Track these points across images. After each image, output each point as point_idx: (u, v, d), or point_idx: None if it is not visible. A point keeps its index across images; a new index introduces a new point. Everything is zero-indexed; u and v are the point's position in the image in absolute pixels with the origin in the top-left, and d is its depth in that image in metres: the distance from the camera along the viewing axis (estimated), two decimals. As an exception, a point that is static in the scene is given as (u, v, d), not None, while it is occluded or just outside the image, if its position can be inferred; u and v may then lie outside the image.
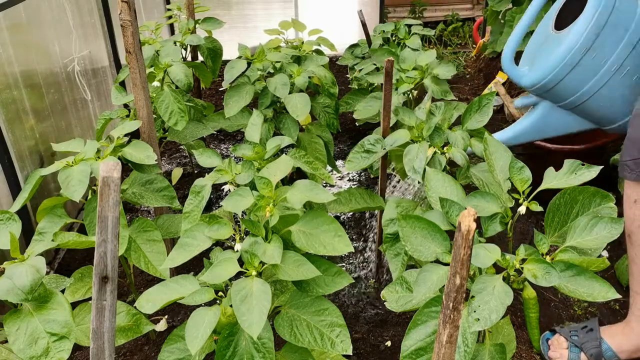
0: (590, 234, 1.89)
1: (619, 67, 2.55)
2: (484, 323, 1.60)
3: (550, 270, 1.69)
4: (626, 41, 2.51)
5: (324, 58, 3.47)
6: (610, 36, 2.51)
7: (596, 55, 2.52)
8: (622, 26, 2.51)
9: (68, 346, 1.80)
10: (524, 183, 1.99)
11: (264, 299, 1.68)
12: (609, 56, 2.53)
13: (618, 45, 2.51)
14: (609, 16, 2.48)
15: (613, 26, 2.49)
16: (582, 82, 2.60)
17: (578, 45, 2.50)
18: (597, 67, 2.55)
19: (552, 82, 2.64)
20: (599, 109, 2.70)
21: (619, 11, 2.50)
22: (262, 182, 2.00)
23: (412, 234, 1.89)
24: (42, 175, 2.38)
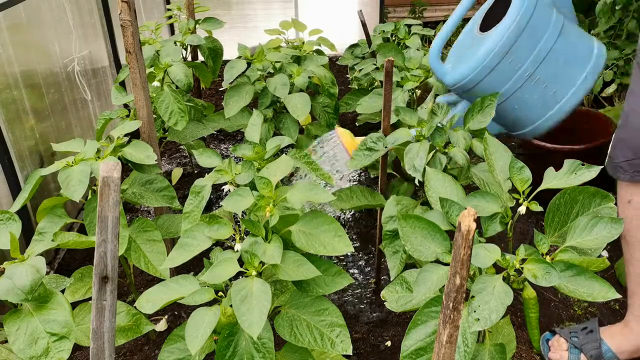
0: (590, 234, 1.89)
1: (531, 74, 2.58)
2: (484, 323, 1.60)
3: (550, 270, 1.69)
4: (539, 49, 2.54)
5: (324, 58, 3.47)
6: (526, 42, 2.53)
7: (513, 59, 2.55)
8: (538, 34, 2.55)
9: (68, 346, 1.80)
10: (524, 183, 1.99)
11: (264, 299, 1.68)
12: (524, 62, 2.55)
13: (532, 52, 2.55)
14: (528, 21, 2.51)
15: (530, 32, 2.53)
16: (498, 85, 2.61)
17: (497, 48, 2.52)
18: (512, 72, 2.57)
19: (471, 83, 2.63)
20: (511, 114, 2.71)
21: (537, 18, 2.54)
22: (262, 182, 1.99)
23: (412, 234, 1.89)
24: (42, 175, 2.38)
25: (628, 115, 2.34)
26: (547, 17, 2.58)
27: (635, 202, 2.31)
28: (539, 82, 2.60)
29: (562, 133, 3.61)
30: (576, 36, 2.70)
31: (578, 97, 2.65)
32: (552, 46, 2.56)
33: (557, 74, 2.62)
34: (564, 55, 2.60)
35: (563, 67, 2.61)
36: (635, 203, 2.31)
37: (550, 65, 2.58)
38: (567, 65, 2.62)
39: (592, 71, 2.65)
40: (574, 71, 2.64)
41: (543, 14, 2.57)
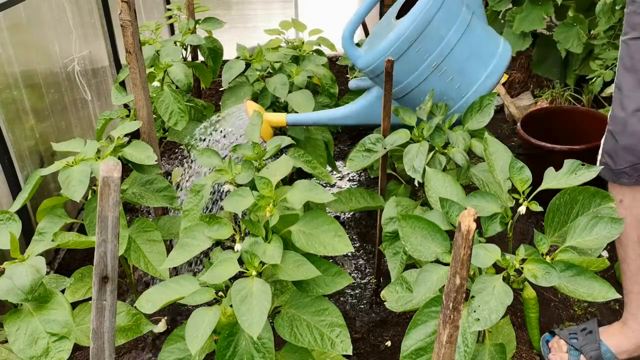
0: (590, 234, 1.88)
1: (438, 65, 2.60)
2: (484, 323, 1.60)
3: (550, 270, 1.69)
4: (447, 41, 2.57)
5: (323, 58, 3.47)
6: (434, 33, 2.55)
7: (420, 48, 2.56)
8: (446, 25, 2.57)
9: (68, 346, 1.80)
10: (524, 183, 1.99)
11: (264, 299, 1.69)
12: (431, 52, 2.58)
13: (439, 43, 2.57)
14: (437, 12, 2.53)
15: (439, 23, 2.54)
16: (405, 73, 2.63)
17: (405, 35, 2.53)
18: (420, 61, 2.59)
19: (379, 68, 2.61)
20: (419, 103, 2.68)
21: (446, 11, 2.56)
22: (262, 182, 2.00)
23: (412, 234, 1.89)
24: (42, 175, 2.38)
25: (626, 121, 2.23)
26: (455, 11, 2.61)
27: (626, 202, 2.31)
28: (444, 75, 2.63)
29: (562, 133, 3.62)
30: (483, 33, 2.74)
31: (482, 92, 2.66)
32: (459, 39, 2.59)
33: (463, 68, 2.65)
34: (469, 50, 2.64)
35: (468, 61, 2.65)
36: (626, 203, 2.31)
37: (456, 58, 2.61)
38: (471, 60, 2.65)
39: (495, 69, 2.69)
40: (478, 67, 2.68)
41: (452, 7, 2.60)
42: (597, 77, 3.71)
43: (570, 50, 4.08)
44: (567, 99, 4.40)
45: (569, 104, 4.36)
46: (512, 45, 4.46)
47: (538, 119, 3.78)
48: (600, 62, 3.75)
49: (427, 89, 2.64)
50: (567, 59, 4.40)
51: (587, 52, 4.17)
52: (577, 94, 4.42)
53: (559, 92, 4.46)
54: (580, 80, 4.43)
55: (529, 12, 4.25)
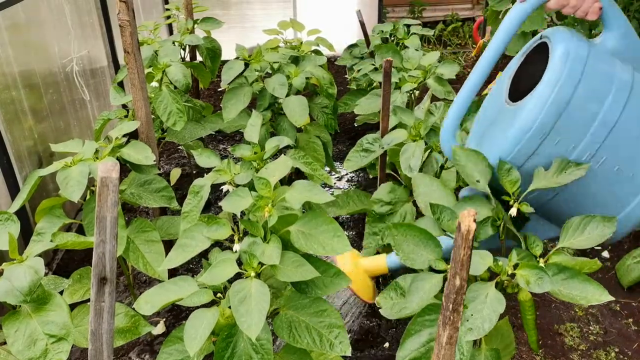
0: (583, 233, 1.87)
1: (593, 155, 1.91)
2: (477, 332, 1.60)
3: (543, 275, 1.68)
4: (601, 120, 1.87)
5: (322, 58, 3.47)
6: (579, 113, 1.87)
7: (560, 140, 1.89)
8: (595, 99, 1.87)
9: (66, 348, 1.80)
10: (513, 185, 1.95)
11: (263, 300, 1.68)
12: (578, 142, 1.89)
13: (589, 127, 1.88)
14: (577, 87, 1.85)
15: (583, 98, 1.86)
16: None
17: (534, 128, 1.88)
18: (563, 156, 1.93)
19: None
20: (569, 212, 2.00)
21: (591, 79, 1.87)
22: (261, 183, 1.99)
23: (404, 242, 1.88)
24: (41, 175, 2.38)
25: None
26: (606, 75, 1.89)
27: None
28: (606, 166, 1.92)
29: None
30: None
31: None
32: (620, 115, 1.87)
33: (631, 152, 1.92)
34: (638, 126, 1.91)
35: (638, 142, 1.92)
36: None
37: (620, 139, 1.89)
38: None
39: None
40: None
41: (599, 71, 1.89)
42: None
43: (570, 50, 4.07)
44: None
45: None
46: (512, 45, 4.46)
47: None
48: (600, 63, 3.74)
49: (582, 190, 1.96)
50: (567, 59, 4.39)
51: (587, 52, 4.17)
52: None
53: (558, 93, 4.44)
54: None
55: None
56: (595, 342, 2.68)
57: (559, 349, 2.66)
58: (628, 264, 2.89)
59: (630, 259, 2.89)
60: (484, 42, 6.02)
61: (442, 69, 3.17)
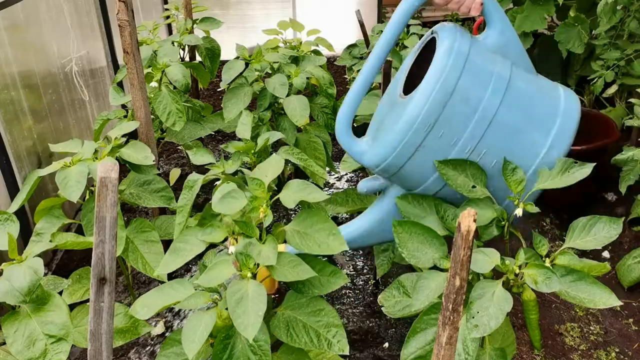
0: (589, 234, 1.87)
1: (473, 149, 1.97)
2: (483, 330, 1.59)
3: (551, 275, 1.68)
4: (480, 115, 1.93)
5: (322, 58, 3.46)
6: (460, 106, 1.92)
7: (444, 133, 1.94)
8: (475, 94, 1.94)
9: (66, 348, 1.80)
10: (518, 184, 1.96)
11: (260, 301, 1.68)
12: (460, 135, 1.95)
13: (470, 120, 1.94)
14: (459, 78, 1.91)
15: (463, 93, 1.92)
16: (429, 168, 2.02)
17: (420, 119, 1.91)
18: (447, 149, 1.97)
19: (394, 166, 2.03)
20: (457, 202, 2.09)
21: (471, 74, 1.94)
22: (254, 183, 1.98)
23: (409, 240, 1.87)
24: (40, 176, 2.37)
25: None
26: (485, 71, 1.97)
27: None
28: (486, 160, 2.00)
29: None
30: (533, 89, 2.07)
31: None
32: (497, 109, 1.95)
33: (510, 145, 1.99)
34: (516, 118, 1.99)
35: (517, 135, 1.99)
36: None
37: (498, 135, 1.97)
38: (522, 132, 2.00)
39: (560, 133, 2.01)
40: (534, 137, 2.01)
41: (479, 66, 1.97)
42: (599, 77, 3.71)
43: (571, 50, 4.08)
44: (568, 99, 4.39)
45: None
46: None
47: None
48: (601, 63, 3.74)
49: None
50: (568, 60, 4.40)
51: (589, 52, 4.17)
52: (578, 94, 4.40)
53: (559, 93, 4.44)
54: (582, 80, 4.43)
55: (530, 12, 4.24)
56: (595, 342, 2.68)
57: (559, 349, 2.65)
58: (628, 264, 2.88)
59: (631, 259, 2.89)
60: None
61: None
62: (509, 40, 2.08)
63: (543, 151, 1.99)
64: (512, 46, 2.09)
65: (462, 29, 2.04)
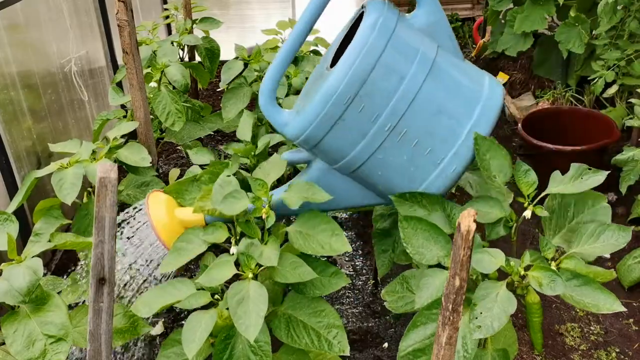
0: (597, 241, 1.87)
1: (393, 127, 1.92)
2: (486, 331, 1.58)
3: (556, 278, 1.67)
4: (402, 92, 1.90)
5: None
6: (382, 81, 1.88)
7: (364, 107, 1.89)
8: (399, 68, 1.90)
9: (65, 348, 1.79)
10: (530, 186, 1.95)
11: (261, 302, 1.68)
12: (381, 111, 1.91)
13: (391, 97, 1.89)
14: (382, 52, 1.87)
15: (387, 67, 1.89)
16: (350, 142, 1.97)
17: (339, 92, 1.87)
18: (367, 125, 1.93)
19: (314, 138, 1.97)
20: (377, 181, 2.07)
21: (395, 50, 1.90)
22: (257, 184, 1.98)
23: (414, 236, 1.87)
24: (37, 177, 2.37)
25: None
26: (410, 49, 1.94)
27: None
28: (406, 139, 1.95)
29: (563, 134, 3.61)
30: (457, 72, 2.05)
31: (465, 156, 1.99)
32: (420, 87, 1.92)
33: (432, 125, 1.96)
34: (439, 99, 1.96)
35: (438, 116, 1.96)
36: None
37: (419, 114, 1.93)
38: (443, 113, 1.96)
39: (481, 118, 1.99)
40: (455, 120, 1.98)
41: (404, 44, 1.93)
42: (599, 77, 3.70)
43: (571, 50, 4.07)
44: (569, 99, 4.39)
45: (570, 104, 4.35)
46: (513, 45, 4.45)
47: (539, 120, 3.78)
48: (602, 63, 3.73)
49: (385, 160, 1.99)
50: (568, 60, 4.39)
51: (589, 52, 4.17)
52: (578, 94, 4.41)
53: (560, 93, 4.45)
54: (582, 80, 4.42)
55: (530, 12, 4.24)
56: (596, 342, 2.67)
57: (559, 349, 2.65)
58: (629, 264, 2.88)
59: (631, 259, 2.89)
60: (484, 42, 6.00)
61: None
62: (438, 21, 2.06)
63: (463, 135, 1.97)
64: (441, 28, 2.07)
65: (390, 5, 2.01)
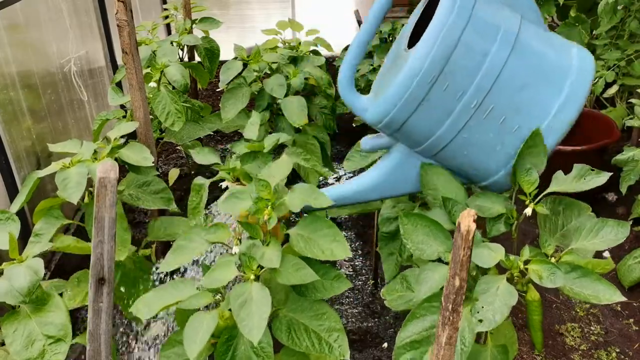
0: (597, 236, 1.87)
1: (479, 104, 1.88)
2: (488, 324, 1.59)
3: (556, 271, 1.68)
4: (487, 68, 1.86)
5: (321, 59, 3.46)
6: (465, 59, 1.85)
7: (448, 86, 1.86)
8: (482, 44, 1.86)
9: (64, 349, 1.79)
10: (531, 185, 1.95)
11: (264, 304, 1.67)
12: (466, 89, 1.87)
13: (476, 72, 1.86)
14: (465, 28, 1.84)
15: (469, 44, 1.85)
16: (435, 122, 1.94)
17: (423, 72, 1.84)
18: (452, 103, 1.89)
19: (397, 121, 1.95)
20: (462, 161, 2.04)
21: (477, 25, 1.86)
22: (260, 184, 1.97)
23: (414, 232, 1.87)
24: (40, 177, 2.37)
25: None
26: (493, 23, 1.89)
27: None
28: (492, 116, 1.91)
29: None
30: (543, 44, 1.97)
31: (558, 131, 1.93)
32: (506, 62, 1.87)
33: (519, 101, 1.91)
34: (525, 73, 1.90)
35: (525, 90, 1.90)
36: None
37: (505, 91, 1.89)
38: (531, 87, 1.90)
39: (572, 91, 1.91)
40: (544, 95, 1.92)
41: (486, 18, 1.88)
42: (599, 77, 3.70)
43: (572, 50, 4.06)
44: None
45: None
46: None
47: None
48: (602, 63, 3.73)
49: (472, 139, 1.95)
50: (568, 59, 4.38)
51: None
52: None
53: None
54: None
55: (529, 12, 4.23)
56: (596, 343, 2.67)
57: (560, 349, 2.65)
58: (629, 264, 2.88)
59: (631, 259, 2.89)
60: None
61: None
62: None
63: (554, 110, 1.91)
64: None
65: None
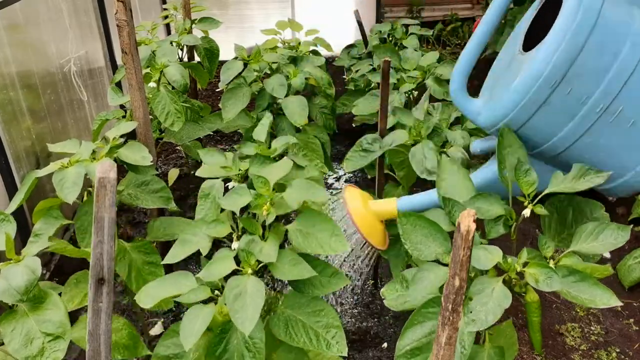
0: (597, 239, 1.87)
1: (606, 107, 1.83)
2: (480, 324, 1.59)
3: (552, 275, 1.67)
4: (616, 71, 1.80)
5: (321, 59, 3.46)
6: (591, 63, 1.80)
7: (572, 89, 1.82)
8: (610, 49, 1.80)
9: (63, 346, 1.80)
10: (530, 186, 1.95)
11: (258, 296, 1.68)
12: (591, 92, 1.82)
13: (604, 76, 1.81)
14: (591, 32, 1.78)
15: (597, 48, 1.79)
16: (555, 125, 1.91)
17: (545, 76, 1.81)
18: (576, 107, 1.85)
19: (514, 124, 1.95)
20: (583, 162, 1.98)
21: (606, 26, 1.79)
22: (259, 182, 1.99)
23: (413, 232, 1.87)
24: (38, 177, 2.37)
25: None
26: (622, 24, 1.81)
27: None
28: (620, 119, 1.85)
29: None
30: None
31: None
32: (636, 66, 1.79)
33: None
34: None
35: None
36: None
37: (635, 93, 1.81)
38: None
39: None
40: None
41: (614, 20, 1.80)
42: None
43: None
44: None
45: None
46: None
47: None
48: None
49: (595, 143, 1.90)
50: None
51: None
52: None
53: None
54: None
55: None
56: (596, 342, 2.68)
57: (560, 349, 2.65)
58: (629, 264, 2.88)
59: (632, 260, 2.89)
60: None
61: (441, 69, 3.16)
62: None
63: None
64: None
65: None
